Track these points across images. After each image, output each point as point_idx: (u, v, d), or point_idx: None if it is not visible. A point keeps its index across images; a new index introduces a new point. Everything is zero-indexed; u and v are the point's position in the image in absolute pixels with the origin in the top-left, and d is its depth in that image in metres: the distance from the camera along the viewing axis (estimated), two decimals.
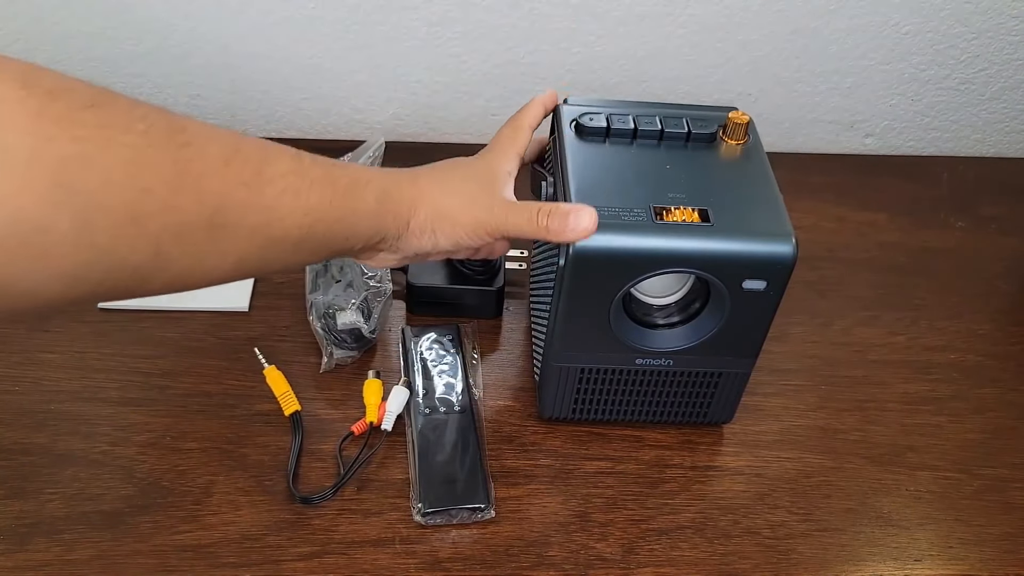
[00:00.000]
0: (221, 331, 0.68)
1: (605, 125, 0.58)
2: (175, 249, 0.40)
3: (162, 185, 0.38)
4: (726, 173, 0.57)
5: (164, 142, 0.38)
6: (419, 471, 0.59)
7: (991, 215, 0.86)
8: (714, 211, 0.53)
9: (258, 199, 0.43)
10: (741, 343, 0.58)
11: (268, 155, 0.44)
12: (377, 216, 0.50)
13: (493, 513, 0.58)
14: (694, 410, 0.63)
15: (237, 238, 0.42)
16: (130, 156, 0.37)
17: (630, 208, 0.53)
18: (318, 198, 0.46)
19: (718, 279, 0.53)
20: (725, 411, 0.63)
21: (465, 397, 0.64)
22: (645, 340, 0.58)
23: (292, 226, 0.45)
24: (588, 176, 0.55)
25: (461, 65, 0.85)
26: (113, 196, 0.36)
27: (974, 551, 0.59)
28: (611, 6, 0.82)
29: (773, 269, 0.53)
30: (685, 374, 0.60)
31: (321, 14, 0.81)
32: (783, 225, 0.53)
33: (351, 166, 0.51)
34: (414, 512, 0.58)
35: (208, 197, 0.40)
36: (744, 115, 0.58)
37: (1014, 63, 0.88)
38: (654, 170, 0.56)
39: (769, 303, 0.55)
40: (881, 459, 0.64)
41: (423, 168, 0.56)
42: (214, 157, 0.41)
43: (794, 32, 0.84)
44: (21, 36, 0.81)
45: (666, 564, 0.57)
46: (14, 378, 0.64)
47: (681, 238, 0.52)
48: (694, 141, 0.58)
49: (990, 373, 0.71)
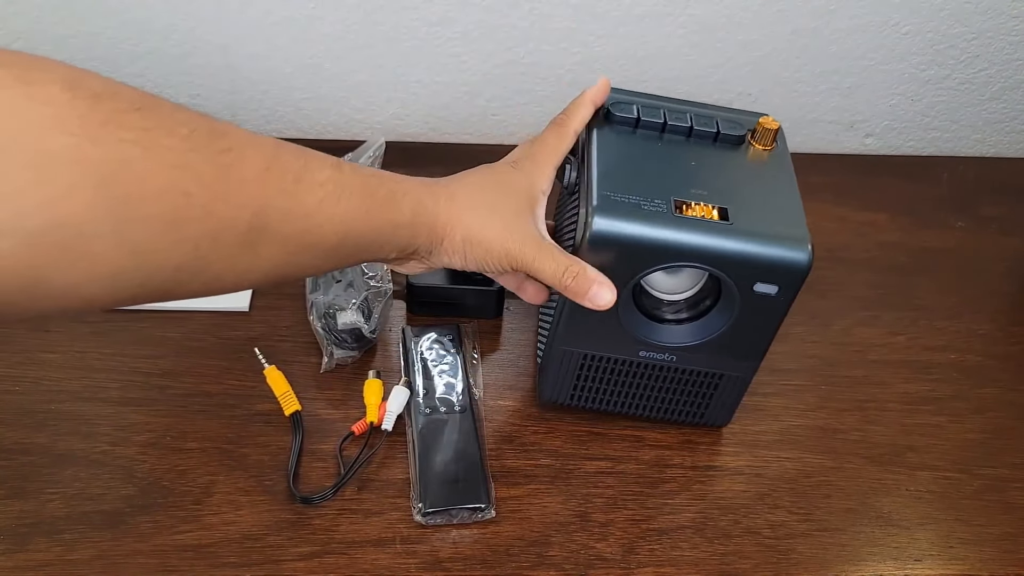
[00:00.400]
0: (221, 331, 0.68)
1: (635, 116, 0.58)
2: (213, 253, 0.40)
3: (203, 190, 0.38)
4: (750, 176, 0.57)
5: (206, 146, 0.39)
6: (419, 471, 0.59)
7: (991, 215, 0.86)
8: (734, 211, 0.53)
9: (297, 206, 0.43)
10: (745, 346, 0.58)
11: (308, 163, 0.45)
12: (412, 227, 0.50)
13: (493, 513, 0.58)
14: (692, 410, 0.63)
15: (274, 243, 0.43)
16: (172, 160, 0.37)
17: (651, 199, 0.53)
18: (356, 208, 0.46)
19: (730, 278, 0.53)
20: (722, 414, 0.63)
21: (465, 397, 0.64)
22: (651, 333, 0.58)
23: (329, 233, 0.45)
24: (613, 163, 0.55)
25: (461, 65, 0.85)
26: (155, 200, 0.36)
27: (974, 551, 0.59)
28: (611, 6, 0.82)
29: (786, 274, 0.53)
30: (686, 372, 0.60)
31: (321, 14, 0.81)
32: (801, 231, 0.53)
33: (388, 176, 0.51)
34: (414, 512, 0.58)
35: (248, 202, 0.40)
36: (775, 122, 0.58)
37: (1014, 63, 0.88)
38: (679, 165, 0.56)
39: (778, 309, 0.55)
40: (881, 459, 0.64)
41: (459, 182, 0.55)
42: (254, 163, 0.41)
43: (794, 32, 0.84)
44: (21, 36, 0.81)
45: (666, 564, 0.57)
46: (14, 378, 0.64)
47: (698, 233, 0.52)
48: (722, 142, 0.58)
49: (990, 373, 0.71)
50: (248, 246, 0.41)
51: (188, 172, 0.38)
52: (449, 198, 0.52)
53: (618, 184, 0.53)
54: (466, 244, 0.52)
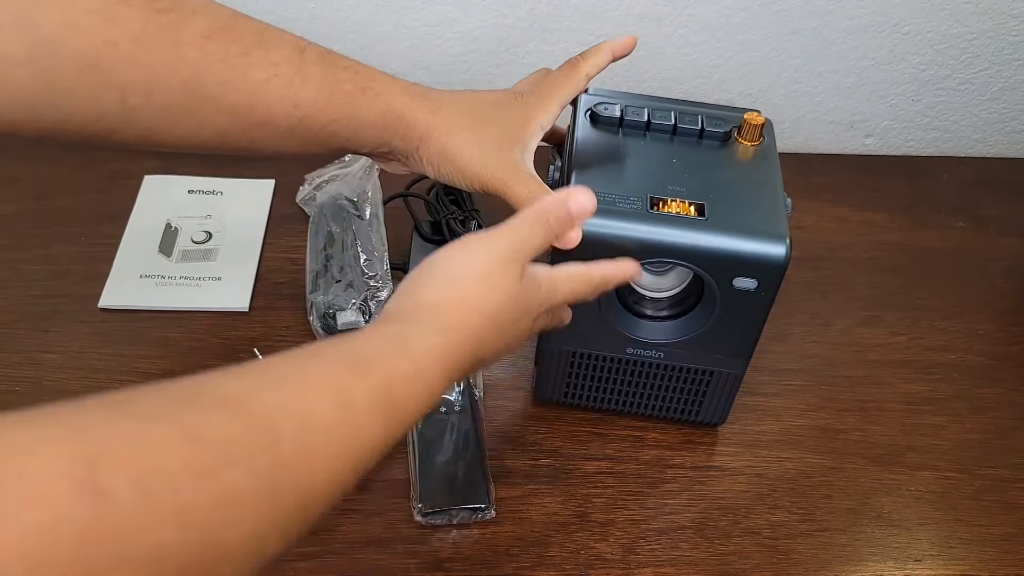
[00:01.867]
0: (221, 331, 0.68)
1: (619, 116, 0.58)
2: (144, 106, 0.43)
3: (128, 41, 0.41)
4: (732, 172, 0.57)
5: (143, 4, 0.42)
6: (419, 471, 0.59)
7: (991, 215, 0.86)
8: (711, 207, 0.53)
9: (238, 79, 0.45)
10: (732, 343, 0.58)
11: (265, 40, 0.46)
12: (383, 129, 0.50)
13: (493, 513, 0.58)
14: (686, 407, 0.63)
15: (216, 112, 0.45)
16: (97, 7, 0.40)
17: (627, 196, 0.53)
18: (312, 94, 0.47)
19: (708, 274, 0.54)
20: (717, 412, 0.63)
21: (465, 397, 0.64)
22: (636, 330, 0.59)
23: (279, 114, 0.46)
24: (592, 162, 0.56)
25: (461, 65, 0.85)
26: (73, 40, 0.39)
27: (974, 551, 0.59)
28: (611, 6, 0.82)
29: (764, 269, 0.53)
30: (676, 368, 0.60)
31: (321, 14, 0.81)
32: (778, 227, 0.53)
33: (366, 72, 0.50)
34: (415, 512, 0.58)
35: (182, 64, 0.43)
36: (760, 117, 0.58)
37: (1014, 63, 0.88)
38: (660, 163, 0.56)
39: (761, 305, 0.55)
40: (881, 459, 0.64)
41: (451, 96, 0.54)
42: (196, 28, 0.43)
43: (794, 32, 0.84)
44: None
45: (666, 564, 0.57)
46: (14, 378, 0.64)
47: (673, 229, 0.52)
48: (707, 139, 0.58)
49: (990, 373, 0.71)
50: (185, 107, 0.44)
51: (112, 21, 0.41)
52: (432, 110, 0.52)
53: (594, 182, 0.53)
54: (441, 158, 0.52)
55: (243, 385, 0.33)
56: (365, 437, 0.36)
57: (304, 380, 0.35)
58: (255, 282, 0.72)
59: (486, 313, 0.42)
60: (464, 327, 0.42)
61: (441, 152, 0.52)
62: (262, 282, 0.73)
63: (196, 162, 0.81)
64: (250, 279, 0.72)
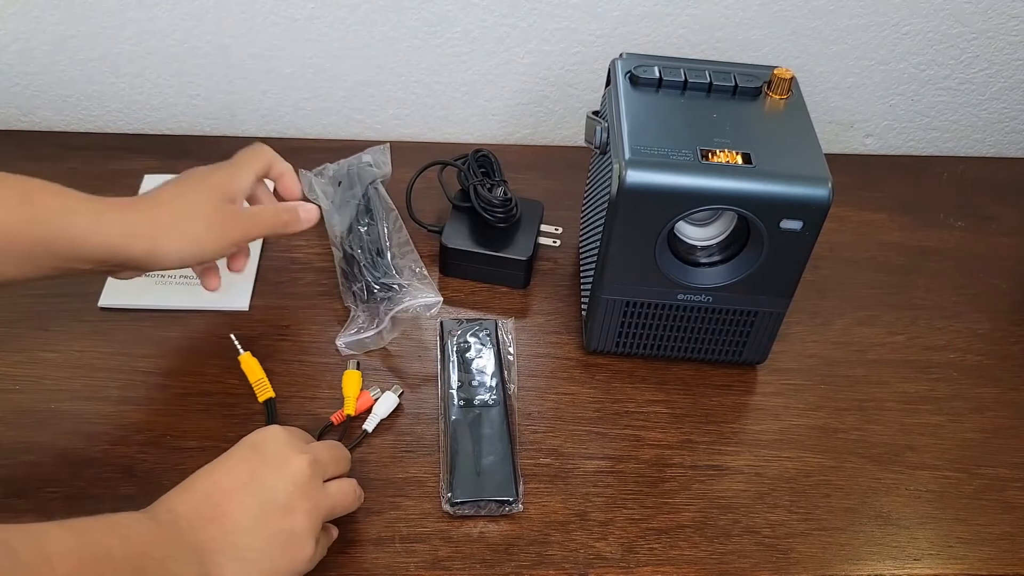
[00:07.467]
0: (221, 331, 0.68)
1: (657, 76, 0.63)
2: None
3: None
4: (769, 123, 0.61)
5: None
6: (451, 461, 0.60)
7: (991, 215, 0.86)
8: (756, 155, 0.57)
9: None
10: (777, 283, 0.62)
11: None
12: (106, 252, 0.55)
13: (521, 507, 0.59)
14: (730, 348, 0.67)
15: None
16: None
17: (679, 149, 0.57)
18: (6, 215, 0.51)
19: (757, 217, 0.57)
20: (759, 351, 0.67)
21: (499, 392, 0.64)
22: (687, 276, 0.62)
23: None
24: (640, 120, 0.60)
25: (461, 65, 0.85)
26: None
27: (974, 550, 0.59)
28: (611, 6, 0.82)
29: (809, 210, 0.57)
30: (723, 311, 0.64)
31: (321, 14, 0.81)
32: (821, 170, 0.58)
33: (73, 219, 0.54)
34: (443, 501, 0.58)
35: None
36: (788, 71, 0.63)
37: (1014, 63, 0.88)
38: (702, 118, 0.61)
39: (805, 244, 0.59)
40: (881, 458, 0.64)
41: (157, 196, 0.58)
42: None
43: (794, 32, 0.84)
44: (21, 36, 0.81)
45: (666, 563, 0.57)
46: (15, 377, 0.64)
47: (725, 178, 0.57)
48: (740, 94, 0.63)
49: (990, 373, 0.71)
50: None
51: None
52: (152, 220, 0.56)
53: (646, 139, 0.58)
54: (181, 246, 0.57)
55: None
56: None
57: None
58: (255, 282, 0.72)
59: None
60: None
61: (181, 240, 0.57)
62: (262, 282, 0.73)
63: (196, 162, 0.80)
64: (250, 279, 0.72)
